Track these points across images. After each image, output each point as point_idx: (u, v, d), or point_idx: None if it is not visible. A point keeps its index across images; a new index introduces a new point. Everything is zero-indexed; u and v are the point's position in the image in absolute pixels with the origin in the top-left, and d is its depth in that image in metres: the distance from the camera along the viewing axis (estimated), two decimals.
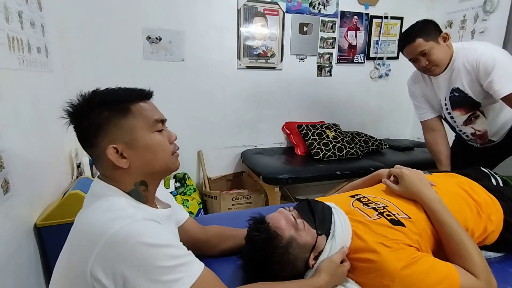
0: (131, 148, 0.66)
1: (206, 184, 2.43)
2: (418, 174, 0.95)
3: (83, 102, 0.66)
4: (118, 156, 0.66)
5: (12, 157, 1.14)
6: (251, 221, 0.82)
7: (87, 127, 0.65)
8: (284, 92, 2.68)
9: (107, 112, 0.65)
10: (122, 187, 0.68)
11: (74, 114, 0.67)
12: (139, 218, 0.60)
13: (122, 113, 0.66)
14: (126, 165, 0.66)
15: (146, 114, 0.69)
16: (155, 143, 0.69)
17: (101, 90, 0.69)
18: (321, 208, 0.86)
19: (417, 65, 1.49)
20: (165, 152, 0.71)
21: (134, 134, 0.66)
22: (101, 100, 0.66)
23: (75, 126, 0.68)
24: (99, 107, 0.65)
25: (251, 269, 0.82)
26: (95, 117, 0.65)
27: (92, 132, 0.65)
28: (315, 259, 0.80)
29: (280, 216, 0.81)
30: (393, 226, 0.81)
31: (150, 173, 0.70)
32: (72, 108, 0.67)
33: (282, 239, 0.76)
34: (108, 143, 0.65)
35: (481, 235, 0.92)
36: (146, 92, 0.73)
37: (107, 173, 0.69)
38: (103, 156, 0.66)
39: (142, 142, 0.67)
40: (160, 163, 0.70)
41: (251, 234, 0.79)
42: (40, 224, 1.35)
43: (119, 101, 0.67)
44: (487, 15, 2.40)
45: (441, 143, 1.63)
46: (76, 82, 2.06)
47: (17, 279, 1.16)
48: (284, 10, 2.50)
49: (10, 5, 1.23)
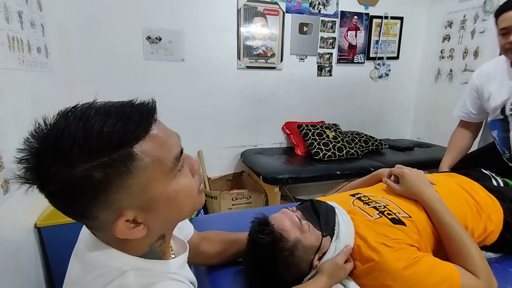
0: (147, 211, 0.46)
1: (206, 184, 2.43)
2: (418, 174, 0.95)
3: (50, 157, 0.39)
4: (130, 226, 0.45)
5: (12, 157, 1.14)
6: (254, 222, 0.80)
7: (71, 197, 0.41)
8: (284, 92, 2.68)
9: (99, 173, 0.40)
10: (133, 252, 0.49)
11: (39, 178, 0.40)
12: None
13: (124, 166, 0.41)
14: (144, 233, 0.47)
15: (160, 156, 0.45)
16: (179, 193, 0.48)
17: (72, 127, 0.40)
18: (325, 208, 0.85)
19: (504, 40, 1.24)
20: (191, 198, 0.51)
21: (150, 192, 0.44)
22: (83, 151, 0.39)
23: (45, 195, 0.42)
24: (83, 163, 0.39)
25: (254, 271, 0.80)
26: (81, 182, 0.39)
27: (83, 203, 0.42)
28: (319, 260, 0.79)
29: (284, 217, 0.79)
30: (394, 225, 0.81)
31: (172, 227, 0.56)
32: (31, 168, 0.40)
33: (287, 242, 0.74)
34: (114, 214, 0.43)
35: (481, 235, 0.92)
36: (149, 113, 0.45)
37: (112, 241, 0.48)
38: (107, 228, 0.45)
39: (163, 199, 0.46)
40: (187, 212, 0.52)
41: (256, 236, 0.76)
42: (40, 224, 1.35)
43: (113, 147, 0.40)
44: (487, 15, 2.40)
45: (467, 141, 1.51)
46: (76, 82, 2.06)
47: (17, 279, 1.16)
48: (284, 10, 2.50)
49: (10, 5, 1.23)
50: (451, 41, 2.73)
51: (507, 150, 1.35)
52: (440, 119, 2.87)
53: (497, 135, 1.38)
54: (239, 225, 0.97)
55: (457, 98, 1.52)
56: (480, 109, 1.45)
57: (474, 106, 1.45)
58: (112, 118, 0.41)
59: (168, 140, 0.47)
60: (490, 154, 1.45)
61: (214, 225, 1.15)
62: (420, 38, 3.02)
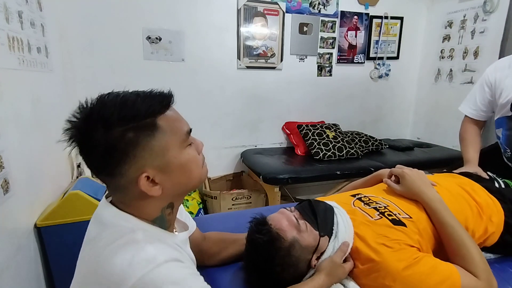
0: (164, 172, 0.56)
1: (206, 184, 2.43)
2: (419, 174, 0.95)
3: (94, 119, 0.52)
4: (150, 184, 0.55)
5: (12, 157, 1.14)
6: (252, 222, 0.81)
7: (106, 154, 0.52)
8: (284, 92, 2.68)
9: (131, 134, 0.52)
10: (145, 216, 0.59)
11: (82, 136, 0.53)
12: (161, 261, 0.51)
13: (150, 131, 0.54)
14: (159, 192, 0.57)
15: (176, 128, 0.58)
16: (189, 160, 0.60)
17: (111, 99, 0.54)
18: (323, 208, 0.85)
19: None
20: (198, 168, 0.63)
21: (167, 155, 0.56)
22: (120, 116, 0.52)
23: (84, 150, 0.54)
24: (119, 126, 0.52)
25: (252, 271, 0.81)
26: (116, 141, 0.52)
27: (114, 160, 0.53)
28: (317, 260, 0.79)
29: (282, 217, 0.79)
30: (394, 226, 0.81)
31: (182, 193, 0.64)
32: (77, 127, 0.53)
33: (284, 241, 0.74)
34: (138, 171, 0.54)
35: (482, 236, 0.92)
36: (168, 96, 0.60)
37: (129, 202, 0.58)
38: (130, 187, 0.55)
39: (176, 163, 0.57)
40: (194, 181, 0.62)
41: (253, 236, 0.77)
42: (40, 224, 1.35)
43: (142, 116, 0.53)
44: (487, 15, 2.40)
45: (479, 137, 1.45)
46: (76, 82, 2.06)
47: (17, 279, 1.16)
48: (284, 10, 2.50)
49: (10, 5, 1.23)
50: (451, 41, 2.73)
51: (509, 149, 1.34)
52: (440, 119, 2.87)
53: (502, 133, 1.36)
54: (239, 225, 0.96)
55: (457, 98, 1.52)
56: (490, 106, 1.41)
57: (485, 103, 1.41)
58: (141, 97, 0.55)
59: (181, 119, 0.61)
60: (492, 156, 1.43)
61: (214, 225, 1.15)
62: (420, 38, 3.02)
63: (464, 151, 1.42)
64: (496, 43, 2.34)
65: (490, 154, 1.44)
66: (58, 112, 1.72)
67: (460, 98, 1.51)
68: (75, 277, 0.59)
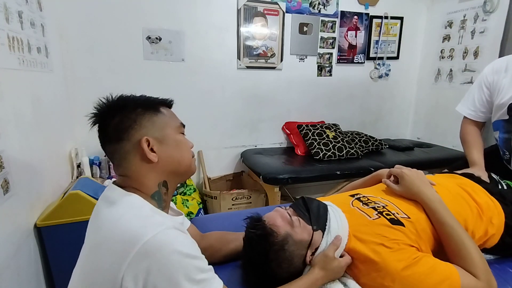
0: (161, 143, 0.69)
1: (206, 184, 2.43)
2: (418, 174, 0.95)
3: (116, 100, 0.69)
4: (149, 149, 0.67)
5: (12, 157, 1.14)
6: (248, 219, 0.83)
7: (120, 122, 0.67)
8: (284, 92, 2.68)
9: (140, 109, 0.69)
10: (145, 189, 0.68)
11: (106, 111, 0.69)
12: (170, 226, 0.60)
13: (154, 111, 0.71)
14: (156, 159, 0.67)
15: (173, 116, 0.75)
16: (181, 142, 0.73)
17: (128, 96, 0.72)
18: (316, 205, 0.87)
19: None
20: (189, 152, 0.75)
21: (165, 130, 0.70)
22: (134, 102, 0.70)
23: (104, 123, 0.69)
24: (133, 104, 0.69)
25: (249, 267, 0.82)
26: (129, 112, 0.68)
27: (125, 125, 0.67)
28: (312, 255, 0.80)
29: (276, 215, 0.82)
30: (393, 225, 0.81)
31: (174, 171, 0.72)
32: (102, 106, 0.69)
33: (277, 236, 0.76)
34: (141, 135, 0.67)
35: (482, 238, 0.91)
36: (169, 101, 0.77)
37: (130, 172, 0.68)
38: (132, 151, 0.67)
39: (172, 139, 0.71)
40: (185, 162, 0.73)
41: (248, 231, 0.80)
42: (40, 224, 1.35)
43: (149, 103, 0.72)
44: (487, 15, 2.40)
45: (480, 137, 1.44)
46: (76, 82, 2.06)
47: (17, 279, 1.16)
48: (284, 10, 2.50)
49: (10, 5, 1.23)
50: (451, 41, 2.73)
51: (508, 151, 1.34)
52: (440, 119, 2.87)
53: (499, 136, 1.36)
54: (239, 225, 0.96)
55: (457, 98, 1.51)
56: (488, 107, 1.39)
57: (483, 104, 1.40)
58: (149, 96, 0.74)
59: (175, 115, 0.77)
60: (494, 156, 1.42)
61: (214, 225, 1.15)
62: (420, 38, 3.02)
63: (468, 153, 1.40)
64: (496, 43, 2.34)
65: (491, 155, 1.42)
66: (58, 112, 1.72)
67: (460, 98, 1.49)
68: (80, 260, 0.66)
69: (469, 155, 1.38)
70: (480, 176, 1.15)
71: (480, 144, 1.41)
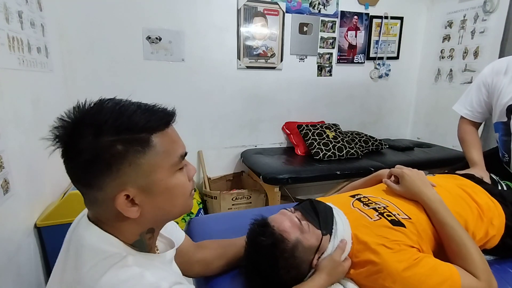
0: (146, 194, 0.52)
1: (206, 184, 2.43)
2: (419, 174, 0.95)
3: (86, 122, 0.48)
4: (128, 204, 0.51)
5: (12, 157, 1.14)
6: (254, 224, 0.79)
7: (88, 162, 0.48)
8: (284, 92, 2.68)
9: (121, 146, 0.48)
10: (123, 237, 0.54)
11: (69, 138, 0.48)
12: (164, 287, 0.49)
13: (141, 147, 0.50)
14: (137, 215, 0.52)
15: (170, 149, 0.53)
16: (176, 186, 0.55)
17: (110, 106, 0.50)
18: (323, 207, 0.85)
19: None
20: (184, 196, 0.57)
21: (153, 176, 0.51)
22: (114, 126, 0.48)
23: (67, 154, 0.50)
24: (110, 135, 0.48)
25: (255, 274, 0.79)
26: (103, 150, 0.47)
27: (96, 170, 0.48)
28: (318, 259, 0.79)
29: (284, 218, 0.78)
30: (394, 226, 0.81)
31: (162, 220, 0.59)
32: (66, 127, 0.49)
33: (288, 243, 0.73)
34: (118, 187, 0.49)
35: (482, 239, 0.91)
36: (170, 114, 0.55)
37: (104, 219, 0.54)
38: (107, 203, 0.50)
39: (162, 186, 0.53)
40: (177, 209, 0.58)
41: (256, 239, 0.75)
42: (40, 224, 1.35)
43: (137, 130, 0.49)
44: (487, 15, 2.40)
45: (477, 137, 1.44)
46: (76, 82, 2.06)
47: (17, 279, 1.16)
48: (284, 10, 2.50)
49: (10, 5, 1.23)
50: (451, 41, 2.73)
51: (507, 154, 1.33)
52: (440, 119, 2.87)
53: (499, 138, 1.36)
54: (239, 225, 0.95)
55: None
56: (486, 108, 1.39)
57: (481, 104, 1.39)
58: (142, 109, 0.51)
59: (178, 140, 0.56)
60: (493, 158, 1.41)
61: (214, 225, 1.15)
62: (420, 38, 3.02)
63: (467, 152, 1.39)
64: (496, 43, 2.34)
65: (490, 158, 1.41)
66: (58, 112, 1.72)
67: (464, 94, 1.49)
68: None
69: (469, 155, 1.38)
70: (482, 177, 1.15)
71: (478, 143, 1.41)
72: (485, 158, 1.36)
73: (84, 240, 0.52)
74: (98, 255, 0.50)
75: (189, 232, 1.11)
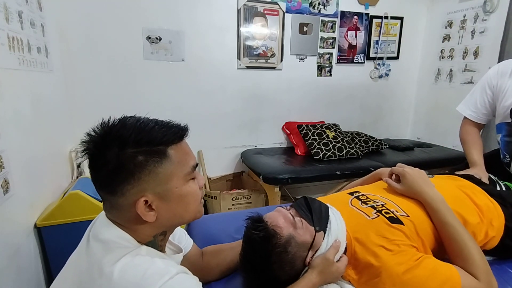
0: (162, 200, 0.58)
1: (206, 184, 2.43)
2: (420, 173, 0.94)
3: (112, 137, 0.55)
4: (146, 208, 0.57)
5: (12, 157, 1.14)
6: (249, 220, 0.80)
7: (114, 171, 0.55)
8: (284, 92, 2.68)
9: (142, 157, 0.55)
10: (138, 238, 0.60)
11: (97, 150, 0.56)
12: (174, 273, 0.54)
13: (159, 158, 0.57)
14: (153, 219, 0.58)
15: (183, 160, 0.60)
16: (189, 193, 0.62)
17: (131, 122, 0.58)
18: (318, 205, 0.85)
19: None
20: (196, 202, 0.64)
21: (169, 184, 0.58)
22: (136, 139, 0.55)
23: (94, 164, 0.57)
24: (133, 147, 0.55)
25: (249, 269, 0.79)
26: (126, 160, 0.55)
27: (120, 178, 0.55)
28: (312, 257, 0.79)
29: (278, 215, 0.79)
30: (392, 224, 0.80)
31: (175, 224, 0.65)
32: (95, 141, 0.56)
33: (280, 238, 0.74)
34: (139, 193, 0.56)
35: (482, 241, 0.91)
36: (183, 129, 0.62)
37: (122, 221, 0.60)
38: (127, 208, 0.57)
39: (176, 193, 0.60)
40: (189, 214, 0.64)
41: (249, 233, 0.77)
42: (40, 224, 1.35)
43: (155, 143, 0.57)
44: (487, 15, 2.40)
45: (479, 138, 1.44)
46: (76, 82, 2.06)
47: (17, 279, 1.16)
48: (284, 10, 2.50)
49: (10, 5, 1.23)
50: (451, 41, 2.73)
51: (508, 154, 1.33)
52: (440, 119, 2.87)
53: (501, 139, 1.35)
54: (239, 225, 0.96)
55: (457, 98, 1.51)
56: (490, 109, 1.38)
57: (485, 105, 1.38)
58: (159, 125, 0.59)
59: (190, 153, 0.64)
60: (493, 160, 1.41)
61: (214, 225, 1.15)
62: (420, 38, 3.02)
63: (468, 153, 1.39)
64: (496, 43, 2.34)
65: (492, 159, 1.41)
66: (58, 112, 1.72)
67: (460, 98, 1.49)
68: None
69: (469, 155, 1.38)
70: (481, 178, 1.15)
71: (480, 144, 1.40)
72: (485, 160, 1.36)
73: (103, 235, 0.58)
74: (115, 245, 0.57)
75: (189, 232, 1.10)
